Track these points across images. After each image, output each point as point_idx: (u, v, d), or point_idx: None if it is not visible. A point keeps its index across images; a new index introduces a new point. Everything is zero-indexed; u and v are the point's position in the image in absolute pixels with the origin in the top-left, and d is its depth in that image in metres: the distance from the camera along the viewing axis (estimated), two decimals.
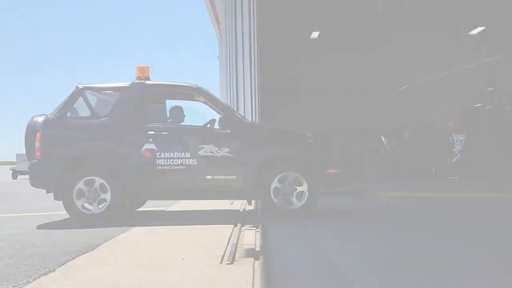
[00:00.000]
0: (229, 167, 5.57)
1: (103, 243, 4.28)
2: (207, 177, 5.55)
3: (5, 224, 5.89)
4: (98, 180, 5.53)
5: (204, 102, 5.94)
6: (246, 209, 6.76)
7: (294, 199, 5.53)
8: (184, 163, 5.54)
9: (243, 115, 9.67)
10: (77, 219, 5.49)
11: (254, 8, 12.98)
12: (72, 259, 3.62)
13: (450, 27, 19.23)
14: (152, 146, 5.56)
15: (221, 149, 5.55)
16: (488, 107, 13.26)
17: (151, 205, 7.18)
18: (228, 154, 5.55)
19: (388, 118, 16.63)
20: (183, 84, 6.03)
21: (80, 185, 5.51)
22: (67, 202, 5.52)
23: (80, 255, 3.76)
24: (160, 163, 5.54)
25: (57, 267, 3.35)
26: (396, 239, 4.20)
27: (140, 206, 6.95)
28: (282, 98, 22.45)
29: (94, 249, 4.01)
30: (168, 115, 6.21)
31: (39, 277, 3.10)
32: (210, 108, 5.84)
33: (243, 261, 3.45)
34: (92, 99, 5.82)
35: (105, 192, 5.53)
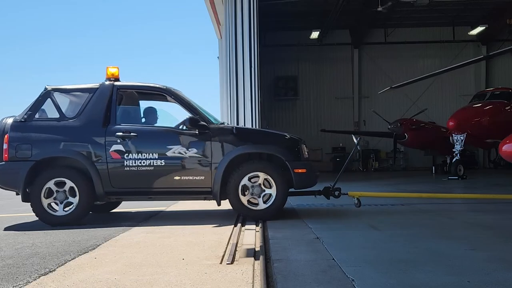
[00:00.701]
0: (197, 167, 5.60)
1: (103, 243, 4.28)
2: (175, 178, 5.57)
3: None
4: (67, 182, 5.49)
5: (175, 103, 5.96)
6: None
7: (260, 200, 5.56)
8: (152, 164, 5.55)
9: (244, 115, 9.66)
10: (42, 219, 5.49)
11: (254, 8, 12.98)
12: (72, 259, 3.62)
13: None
14: (120, 147, 5.56)
15: (189, 150, 5.57)
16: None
17: (151, 205, 7.19)
18: (196, 155, 5.58)
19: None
20: (153, 85, 6.04)
21: (50, 185, 5.48)
22: (34, 201, 5.48)
23: (80, 255, 3.77)
24: (128, 164, 5.54)
25: (57, 267, 3.35)
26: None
27: (114, 208, 6.94)
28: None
29: (94, 249, 4.02)
30: (142, 116, 6.23)
31: (39, 277, 3.10)
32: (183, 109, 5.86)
33: (243, 261, 3.46)
34: (61, 101, 5.81)
35: (73, 194, 5.50)
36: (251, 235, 4.52)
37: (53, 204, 5.54)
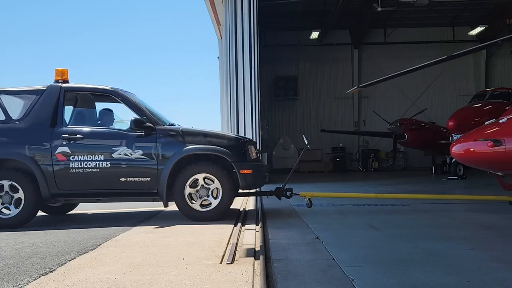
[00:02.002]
0: (142, 169, 5.63)
1: (103, 243, 4.28)
2: (121, 179, 5.60)
3: None
4: (13, 184, 5.49)
5: (123, 104, 5.98)
6: (246, 209, 6.76)
7: (208, 200, 5.62)
8: (97, 165, 5.58)
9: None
10: None
11: (254, 8, 12.99)
12: (73, 258, 3.63)
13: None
14: (65, 149, 5.59)
15: (135, 151, 5.61)
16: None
17: (150, 205, 7.19)
18: (142, 157, 5.62)
19: None
20: (100, 86, 6.06)
21: None
22: None
23: (81, 254, 3.77)
24: (73, 166, 5.57)
25: (57, 267, 3.36)
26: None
27: (71, 209, 6.94)
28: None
29: (94, 249, 4.02)
30: (98, 118, 6.25)
31: (39, 276, 3.10)
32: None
33: (243, 261, 3.46)
34: (7, 103, 5.80)
35: (19, 197, 5.49)
36: (251, 235, 4.52)
37: (4, 210, 5.51)
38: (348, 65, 22.52)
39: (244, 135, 12.83)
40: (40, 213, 6.91)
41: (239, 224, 5.23)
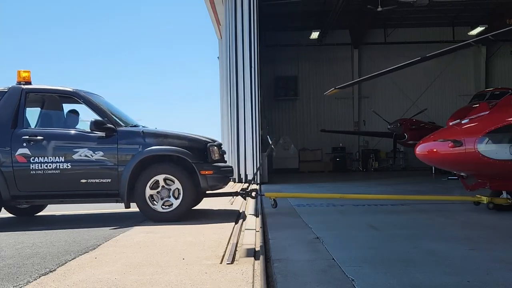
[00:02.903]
0: (103, 170, 5.66)
1: (103, 243, 4.28)
2: (81, 180, 5.62)
3: None
4: None
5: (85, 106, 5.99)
6: (246, 210, 6.76)
7: (168, 201, 5.67)
8: (58, 167, 5.58)
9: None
10: None
11: (254, 8, 12.99)
12: (73, 259, 3.63)
13: None
14: (25, 150, 5.58)
15: (96, 152, 5.64)
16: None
17: None
18: (103, 158, 5.65)
19: None
20: (61, 88, 6.06)
21: None
22: None
23: (81, 255, 3.77)
24: (34, 168, 5.56)
25: (58, 267, 3.36)
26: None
27: (39, 211, 6.92)
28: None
29: (94, 249, 4.02)
30: (64, 119, 6.25)
31: (39, 276, 3.11)
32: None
33: (243, 261, 3.46)
34: None
35: None
36: (251, 235, 4.52)
37: None
38: (348, 65, 22.50)
39: (244, 135, 12.85)
40: (40, 213, 6.94)
41: (239, 224, 5.23)
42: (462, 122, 6.13)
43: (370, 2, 16.87)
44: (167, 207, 5.67)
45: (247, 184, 6.60)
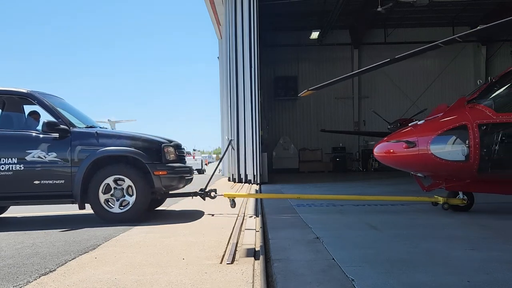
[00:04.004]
0: (57, 172, 5.67)
1: (103, 243, 4.28)
2: (35, 182, 5.63)
3: None
4: None
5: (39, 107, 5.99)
6: (246, 210, 6.76)
7: (118, 203, 5.70)
8: (10, 168, 5.60)
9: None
10: None
11: (254, 8, 12.98)
12: (73, 259, 3.63)
13: None
14: None
15: (49, 154, 5.66)
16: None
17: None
18: (56, 159, 5.66)
19: None
20: (15, 89, 6.05)
21: None
22: None
23: (81, 255, 3.77)
24: None
25: (58, 267, 3.36)
26: None
27: (2, 212, 6.88)
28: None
29: (94, 249, 4.02)
30: (25, 121, 6.20)
31: (39, 276, 3.11)
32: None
33: (243, 261, 3.46)
34: None
35: None
36: (251, 235, 4.52)
37: None
38: (348, 65, 22.51)
39: (244, 135, 12.85)
40: (40, 213, 6.94)
41: (239, 224, 5.23)
42: (419, 123, 6.13)
43: (370, 2, 16.88)
44: (124, 207, 5.70)
45: (205, 185, 6.66)
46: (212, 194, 6.60)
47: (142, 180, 5.71)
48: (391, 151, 5.99)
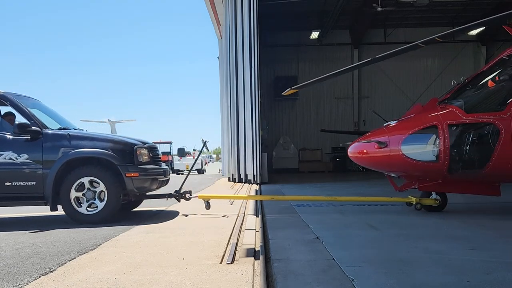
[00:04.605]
0: (28, 173, 5.66)
1: (103, 243, 4.29)
2: (6, 183, 5.63)
3: None
4: None
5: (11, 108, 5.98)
6: (246, 210, 6.76)
7: (97, 201, 5.70)
8: None
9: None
10: None
11: (254, 8, 12.98)
12: (73, 258, 3.63)
13: None
14: None
15: (21, 155, 5.65)
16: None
17: (150, 205, 7.19)
18: (28, 161, 5.66)
19: None
20: None
21: None
22: None
23: (81, 255, 3.77)
24: None
25: (58, 267, 3.36)
26: None
27: None
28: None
29: (94, 249, 4.02)
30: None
31: (39, 276, 3.11)
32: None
33: (243, 261, 3.46)
34: None
35: None
36: (251, 235, 4.52)
37: None
38: (348, 65, 22.31)
39: (244, 135, 12.85)
40: (40, 213, 6.93)
41: (239, 224, 5.23)
42: (392, 123, 6.13)
43: (370, 2, 16.89)
44: (93, 209, 5.70)
45: (179, 187, 6.66)
46: (187, 195, 6.61)
47: (114, 182, 5.71)
48: (364, 151, 5.99)
